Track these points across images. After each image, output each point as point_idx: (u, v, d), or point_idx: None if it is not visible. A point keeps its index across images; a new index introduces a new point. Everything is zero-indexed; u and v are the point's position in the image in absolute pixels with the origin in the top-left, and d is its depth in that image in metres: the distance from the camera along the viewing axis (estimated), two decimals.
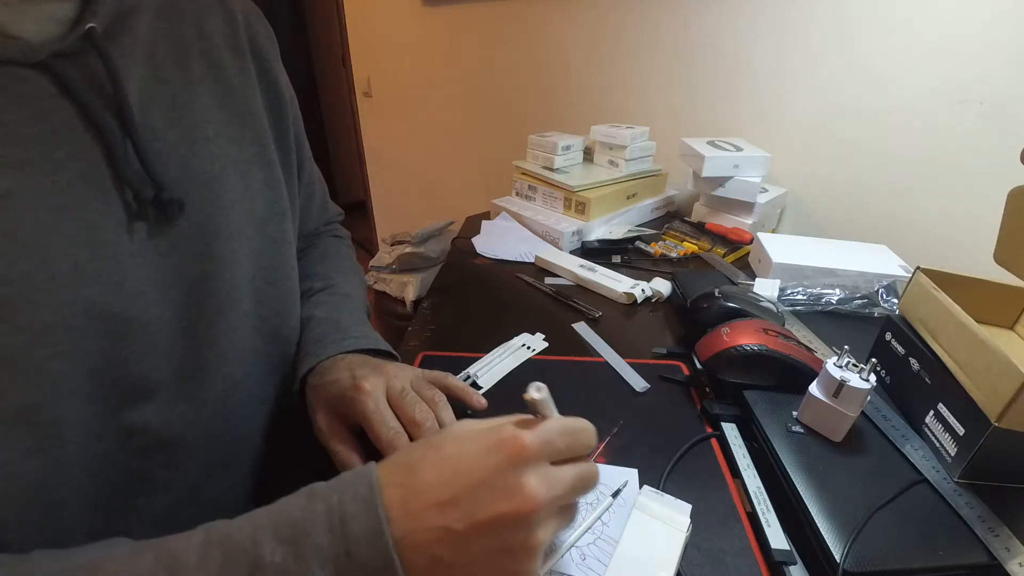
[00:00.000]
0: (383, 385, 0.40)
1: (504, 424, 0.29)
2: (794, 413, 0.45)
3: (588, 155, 1.05)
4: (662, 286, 0.72)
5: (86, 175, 0.31)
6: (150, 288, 0.34)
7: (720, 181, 0.91)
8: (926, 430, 0.43)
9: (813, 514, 0.36)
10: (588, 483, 0.30)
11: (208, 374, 0.38)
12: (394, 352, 0.48)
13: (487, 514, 0.25)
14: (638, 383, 0.53)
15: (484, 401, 0.45)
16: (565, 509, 0.30)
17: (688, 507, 0.38)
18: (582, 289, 0.75)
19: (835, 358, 0.42)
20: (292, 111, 0.48)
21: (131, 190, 0.33)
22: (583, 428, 0.31)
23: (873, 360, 0.41)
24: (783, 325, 0.55)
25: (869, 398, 0.42)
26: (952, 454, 0.40)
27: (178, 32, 0.38)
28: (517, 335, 0.61)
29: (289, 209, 0.46)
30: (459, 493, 0.25)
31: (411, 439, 0.38)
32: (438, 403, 0.41)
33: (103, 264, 0.31)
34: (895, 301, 0.64)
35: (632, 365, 0.56)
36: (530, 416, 0.30)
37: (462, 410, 0.43)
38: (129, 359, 0.34)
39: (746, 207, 0.91)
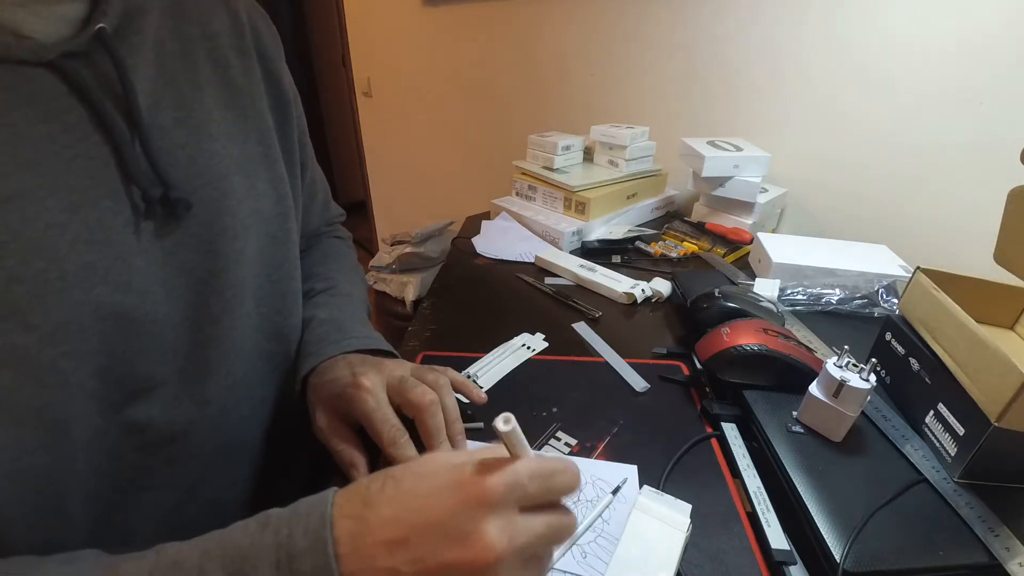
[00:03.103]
0: (383, 382, 0.40)
1: (469, 462, 0.26)
2: (794, 413, 0.45)
3: (588, 155, 1.05)
4: (662, 286, 0.72)
5: (96, 174, 0.31)
6: (157, 287, 0.35)
7: (720, 181, 0.91)
8: (926, 430, 0.43)
9: (813, 514, 0.36)
10: (562, 533, 0.27)
11: (211, 372, 0.39)
12: (395, 353, 0.48)
13: (438, 560, 0.23)
14: (638, 383, 0.53)
15: (484, 396, 0.45)
16: (534, 561, 0.26)
17: (688, 507, 0.38)
18: (582, 289, 0.75)
19: (835, 358, 0.42)
20: (296, 111, 0.48)
21: (139, 189, 0.33)
22: (560, 470, 0.27)
23: (873, 360, 0.41)
24: (783, 325, 0.55)
25: (869, 398, 0.42)
26: (952, 454, 0.40)
27: (184, 32, 0.38)
28: (517, 335, 0.61)
29: (293, 209, 0.46)
30: (411, 533, 0.24)
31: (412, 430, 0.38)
32: (441, 386, 0.41)
33: (112, 263, 0.32)
34: (895, 301, 0.64)
35: (632, 365, 0.56)
36: (502, 453, 0.26)
37: (462, 406, 0.43)
38: (135, 357, 0.34)
39: (746, 207, 0.91)
